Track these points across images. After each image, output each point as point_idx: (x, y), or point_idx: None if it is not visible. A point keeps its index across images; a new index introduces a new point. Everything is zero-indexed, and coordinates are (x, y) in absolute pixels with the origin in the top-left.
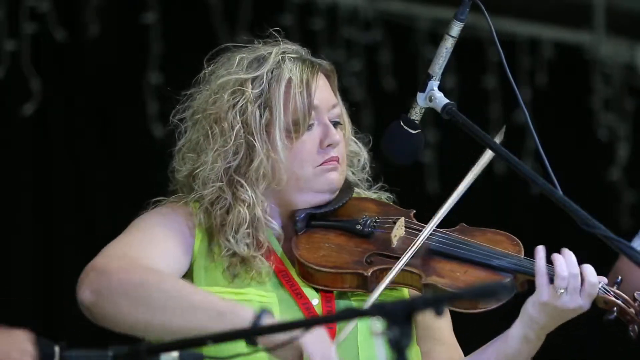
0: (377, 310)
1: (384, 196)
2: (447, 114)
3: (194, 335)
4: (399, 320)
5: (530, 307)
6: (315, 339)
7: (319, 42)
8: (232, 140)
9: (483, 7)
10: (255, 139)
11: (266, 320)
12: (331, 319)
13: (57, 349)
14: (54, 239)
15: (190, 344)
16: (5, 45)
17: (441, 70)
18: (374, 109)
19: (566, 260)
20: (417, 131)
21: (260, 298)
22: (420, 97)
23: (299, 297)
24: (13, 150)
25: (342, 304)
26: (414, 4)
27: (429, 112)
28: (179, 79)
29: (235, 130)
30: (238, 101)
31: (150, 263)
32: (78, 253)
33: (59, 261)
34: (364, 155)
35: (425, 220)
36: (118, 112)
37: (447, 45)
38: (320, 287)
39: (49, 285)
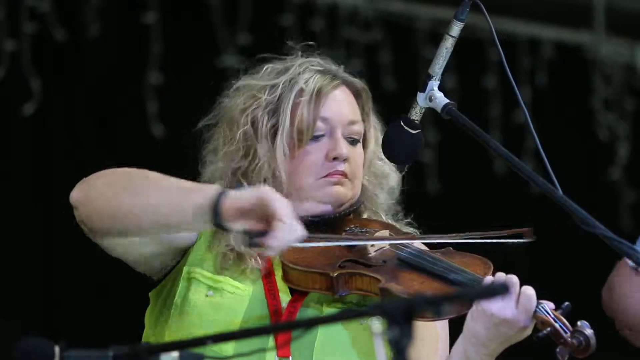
0: (377, 310)
1: (408, 229)
2: (447, 114)
3: (167, 212)
4: (399, 320)
5: (469, 317)
6: (278, 195)
7: (319, 42)
8: (241, 143)
9: (483, 7)
10: (260, 144)
11: (229, 195)
12: (331, 319)
13: (57, 349)
14: (54, 238)
15: (190, 344)
16: (5, 45)
17: (441, 70)
18: (374, 109)
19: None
20: (417, 131)
21: (233, 289)
22: (420, 97)
23: (272, 297)
24: (13, 150)
25: (307, 310)
26: (414, 4)
27: (429, 112)
28: (179, 79)
29: (243, 133)
30: (251, 105)
31: None
32: (78, 253)
33: (59, 261)
34: (395, 177)
35: (426, 225)
36: (118, 112)
37: (447, 45)
38: (294, 287)
39: (49, 285)
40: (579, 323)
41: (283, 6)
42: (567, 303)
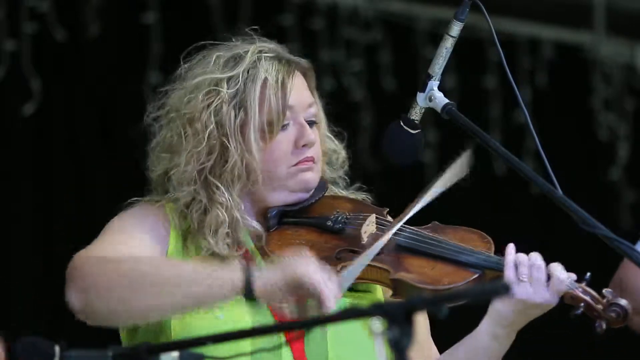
0: (377, 310)
1: (361, 197)
2: (447, 114)
3: (188, 307)
4: (399, 320)
5: (497, 302)
6: (305, 262)
7: (319, 42)
8: (206, 141)
9: (483, 7)
10: (230, 139)
11: (256, 275)
12: (331, 319)
13: (57, 349)
14: (54, 238)
15: (190, 344)
16: (5, 45)
17: (441, 70)
18: (374, 109)
19: (531, 255)
20: (417, 131)
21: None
22: (420, 97)
23: None
24: (13, 150)
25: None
26: (414, 4)
27: (429, 112)
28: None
29: (209, 131)
30: (213, 101)
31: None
32: None
33: (59, 261)
34: (342, 153)
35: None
36: (118, 112)
37: (447, 45)
38: None
39: (49, 285)
40: (607, 294)
41: (283, 6)
42: (588, 274)
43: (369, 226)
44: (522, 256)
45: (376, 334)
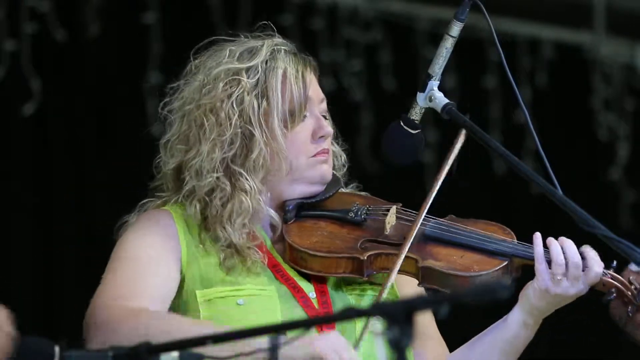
0: (377, 310)
1: (362, 193)
2: (447, 114)
3: None
4: (399, 320)
5: (530, 293)
6: (327, 341)
7: (319, 42)
8: (230, 130)
9: (483, 7)
10: (254, 128)
11: (281, 340)
12: (331, 319)
13: (57, 349)
14: (54, 239)
15: (190, 344)
16: (5, 45)
17: (441, 70)
18: (374, 109)
19: (565, 248)
20: (417, 131)
21: (260, 292)
22: (420, 97)
23: (295, 290)
24: (13, 150)
25: (336, 298)
26: (414, 4)
27: (429, 112)
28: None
29: (232, 120)
30: (234, 91)
31: (148, 295)
32: (78, 253)
33: (59, 261)
34: (343, 155)
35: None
36: (118, 112)
37: (447, 45)
38: (313, 273)
39: (49, 285)
40: (633, 281)
41: (283, 6)
42: (615, 261)
43: (391, 217)
44: (555, 254)
45: (376, 334)
